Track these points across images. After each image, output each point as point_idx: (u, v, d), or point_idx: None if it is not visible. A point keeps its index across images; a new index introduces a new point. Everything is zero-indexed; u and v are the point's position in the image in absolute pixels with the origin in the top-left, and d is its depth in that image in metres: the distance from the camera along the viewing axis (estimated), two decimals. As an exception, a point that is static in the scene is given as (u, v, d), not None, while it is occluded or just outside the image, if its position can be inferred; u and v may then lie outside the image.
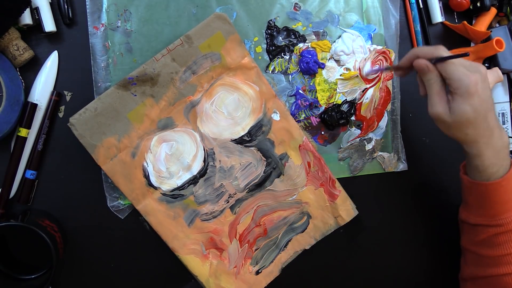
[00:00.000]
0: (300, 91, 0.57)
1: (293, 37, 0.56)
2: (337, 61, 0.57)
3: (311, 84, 0.57)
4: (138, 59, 0.52)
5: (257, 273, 0.57)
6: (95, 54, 0.51)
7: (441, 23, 0.61)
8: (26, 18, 0.48)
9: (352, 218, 0.59)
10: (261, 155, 0.55)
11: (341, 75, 0.57)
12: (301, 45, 0.56)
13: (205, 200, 0.54)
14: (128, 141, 0.50)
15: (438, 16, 0.60)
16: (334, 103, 0.58)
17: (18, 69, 0.50)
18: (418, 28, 0.60)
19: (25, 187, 0.50)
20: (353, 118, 0.59)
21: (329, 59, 0.57)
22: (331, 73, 0.57)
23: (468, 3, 0.60)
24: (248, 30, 0.55)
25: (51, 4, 0.49)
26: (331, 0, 0.56)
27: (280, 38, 0.56)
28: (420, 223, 0.63)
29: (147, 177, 0.52)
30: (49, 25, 0.49)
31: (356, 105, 0.58)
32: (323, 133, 0.58)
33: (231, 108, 0.53)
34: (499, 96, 0.64)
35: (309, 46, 0.56)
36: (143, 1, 0.52)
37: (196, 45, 0.50)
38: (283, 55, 0.56)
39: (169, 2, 0.52)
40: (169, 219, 0.53)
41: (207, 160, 0.53)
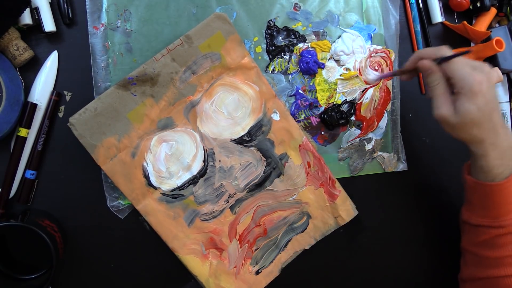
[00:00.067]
0: (300, 91, 0.57)
1: (293, 37, 0.56)
2: (337, 61, 0.57)
3: (311, 84, 0.57)
4: (138, 59, 0.52)
5: (257, 273, 0.57)
6: (95, 54, 0.51)
7: (441, 23, 0.61)
8: (26, 18, 0.48)
9: (352, 218, 0.59)
10: (261, 155, 0.55)
11: (341, 75, 0.57)
12: (301, 45, 0.56)
13: (205, 200, 0.54)
14: (128, 141, 0.50)
15: (438, 16, 0.60)
16: (334, 103, 0.58)
17: (18, 69, 0.50)
18: (418, 28, 0.60)
19: (25, 187, 0.50)
20: (353, 118, 0.59)
21: (329, 59, 0.57)
22: (331, 73, 0.57)
23: (468, 3, 0.60)
24: (248, 30, 0.55)
25: (51, 4, 0.49)
26: (331, 0, 0.56)
27: (280, 38, 0.56)
28: (420, 223, 0.63)
29: (147, 177, 0.52)
30: (49, 25, 0.49)
31: (356, 105, 0.58)
32: (323, 133, 0.58)
33: (231, 108, 0.53)
34: (499, 96, 0.64)
35: (309, 46, 0.56)
36: (143, 1, 0.52)
37: (196, 45, 0.50)
38: (283, 55, 0.56)
39: (169, 2, 0.52)
40: (169, 219, 0.53)
41: (207, 160, 0.53)
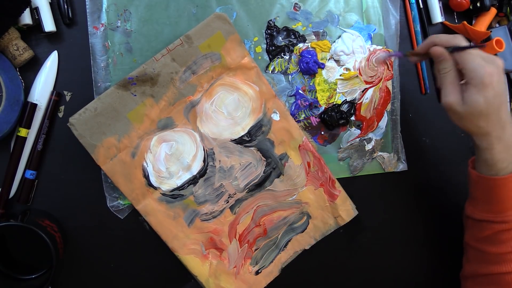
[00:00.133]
0: (300, 91, 0.57)
1: (293, 37, 0.56)
2: (337, 61, 0.57)
3: (311, 84, 0.57)
4: (138, 59, 0.52)
5: (257, 273, 0.57)
6: (95, 54, 0.51)
7: (441, 23, 0.61)
8: (26, 18, 0.48)
9: (352, 218, 0.59)
10: (261, 155, 0.55)
11: (341, 75, 0.57)
12: (301, 45, 0.56)
13: (205, 200, 0.54)
14: (128, 141, 0.50)
15: (438, 16, 0.60)
16: (334, 103, 0.58)
17: (18, 69, 0.50)
18: (418, 28, 0.60)
19: (25, 187, 0.50)
20: (353, 118, 0.59)
21: (329, 59, 0.57)
22: (331, 73, 0.57)
23: (468, 3, 0.60)
24: (248, 30, 0.55)
25: (51, 4, 0.49)
26: (331, 0, 0.56)
27: (280, 38, 0.56)
28: (420, 223, 0.63)
29: (147, 177, 0.52)
30: (49, 25, 0.49)
31: (356, 105, 0.58)
32: (323, 133, 0.58)
33: (231, 108, 0.53)
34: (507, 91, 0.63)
35: (309, 46, 0.56)
36: (143, 1, 0.52)
37: (196, 45, 0.50)
38: (283, 55, 0.56)
39: (169, 2, 0.52)
40: (169, 219, 0.53)
41: (207, 160, 0.53)
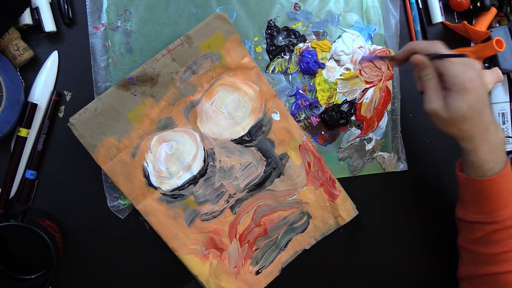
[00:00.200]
0: (300, 91, 0.57)
1: (293, 37, 0.56)
2: (337, 61, 0.57)
3: (311, 84, 0.57)
4: (138, 59, 0.52)
5: (257, 273, 0.57)
6: (95, 54, 0.51)
7: (441, 23, 0.61)
8: (26, 18, 0.48)
9: (352, 218, 0.59)
10: (261, 155, 0.55)
11: (341, 75, 0.57)
12: (301, 45, 0.56)
13: (205, 200, 0.54)
14: (128, 141, 0.50)
15: (438, 16, 0.60)
16: (334, 103, 0.58)
17: (18, 69, 0.50)
18: (418, 28, 0.60)
19: (25, 187, 0.50)
20: (353, 118, 0.59)
21: (329, 59, 0.57)
22: (331, 73, 0.57)
23: (468, 3, 0.60)
24: (248, 30, 0.55)
25: (51, 4, 0.49)
26: (331, 0, 0.56)
27: (280, 38, 0.56)
28: (420, 223, 0.63)
29: (147, 177, 0.52)
30: (49, 25, 0.49)
31: (356, 105, 0.58)
32: (323, 133, 0.58)
33: (231, 108, 0.53)
34: (499, 96, 0.64)
35: (309, 46, 0.56)
36: (143, 1, 0.52)
37: (196, 45, 0.50)
38: (283, 55, 0.56)
39: (169, 2, 0.52)
40: (169, 219, 0.53)
41: (207, 160, 0.53)
